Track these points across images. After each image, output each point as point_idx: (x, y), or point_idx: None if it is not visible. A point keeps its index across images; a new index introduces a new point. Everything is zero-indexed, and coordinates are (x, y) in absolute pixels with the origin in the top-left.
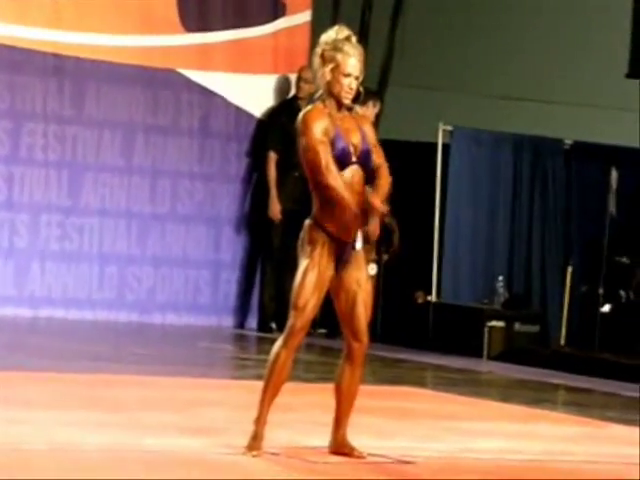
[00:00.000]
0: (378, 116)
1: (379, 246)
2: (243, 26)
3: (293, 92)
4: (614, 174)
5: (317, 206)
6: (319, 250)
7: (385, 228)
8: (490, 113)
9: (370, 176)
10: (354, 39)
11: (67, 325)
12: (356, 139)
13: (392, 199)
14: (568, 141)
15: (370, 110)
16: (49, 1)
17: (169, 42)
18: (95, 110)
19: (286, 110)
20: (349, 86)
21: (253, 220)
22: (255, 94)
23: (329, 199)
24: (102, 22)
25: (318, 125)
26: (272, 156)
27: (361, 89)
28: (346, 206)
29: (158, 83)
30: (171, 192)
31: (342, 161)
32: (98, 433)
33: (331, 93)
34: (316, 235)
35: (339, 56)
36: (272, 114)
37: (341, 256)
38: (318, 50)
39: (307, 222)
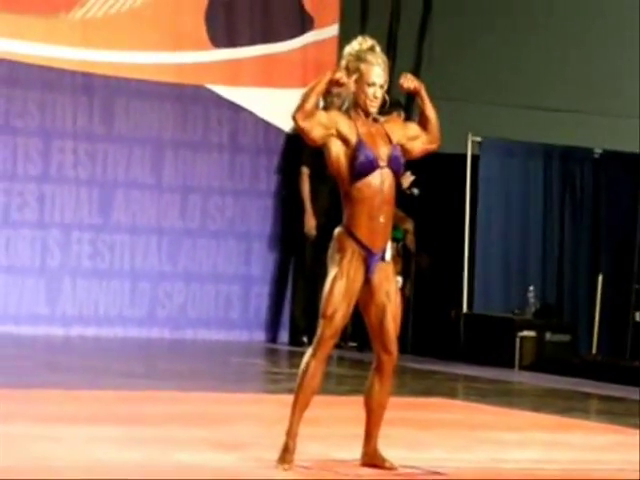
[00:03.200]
0: None
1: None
2: (271, 41)
3: (322, 105)
4: None
5: (347, 214)
6: (348, 258)
7: (405, 252)
8: (519, 124)
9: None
10: (378, 49)
11: (99, 342)
12: (383, 146)
13: (422, 210)
14: (598, 150)
15: None
16: (78, 20)
17: (198, 58)
18: (125, 127)
19: None
20: (374, 95)
21: (283, 234)
22: (284, 109)
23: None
24: (130, 40)
25: (334, 116)
26: (305, 171)
27: (387, 98)
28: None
29: (187, 99)
30: (201, 208)
31: (367, 168)
32: (130, 449)
33: (357, 103)
34: (346, 243)
35: (363, 66)
36: None
37: (370, 266)
38: (343, 62)
39: (337, 230)
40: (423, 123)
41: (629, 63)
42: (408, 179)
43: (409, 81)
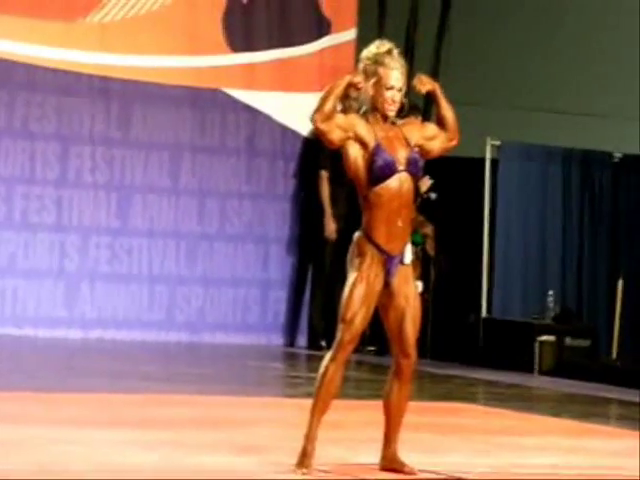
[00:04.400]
0: None
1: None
2: (288, 45)
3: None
4: None
5: (366, 219)
6: (368, 263)
7: (424, 257)
8: (538, 127)
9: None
10: (396, 52)
11: (117, 346)
12: (402, 149)
13: (441, 214)
14: (617, 154)
15: None
16: (95, 24)
17: (215, 62)
18: (142, 131)
19: None
20: (392, 99)
21: (301, 238)
22: (301, 112)
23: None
24: (148, 44)
25: (352, 119)
26: (324, 174)
27: (405, 101)
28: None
29: (204, 103)
30: (219, 212)
31: (386, 172)
32: (149, 452)
33: (375, 107)
34: (365, 248)
35: (381, 69)
36: None
37: (389, 270)
38: (360, 66)
39: (356, 235)
40: (440, 122)
41: None
42: (426, 183)
43: (423, 84)
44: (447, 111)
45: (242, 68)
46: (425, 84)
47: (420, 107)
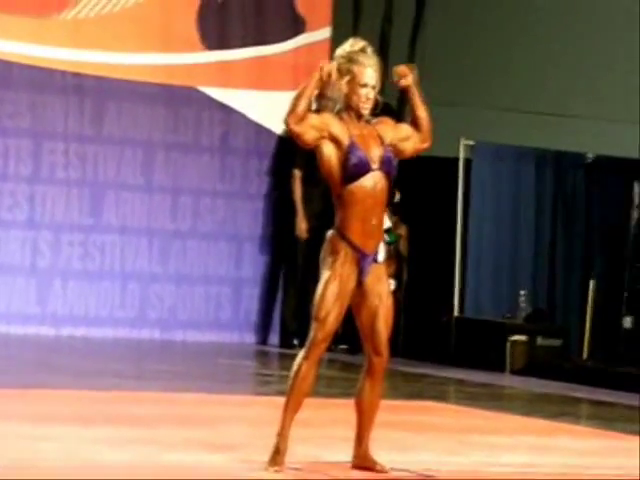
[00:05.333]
0: None
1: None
2: (263, 43)
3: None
4: (637, 188)
5: (340, 217)
6: (341, 261)
7: (397, 256)
8: (512, 128)
9: (393, 185)
10: (369, 50)
11: (89, 343)
12: (376, 147)
13: (413, 213)
14: (590, 155)
15: None
16: (69, 20)
17: (189, 60)
18: (116, 128)
19: None
20: (366, 96)
21: (274, 237)
22: (275, 111)
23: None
24: (122, 40)
25: (326, 118)
26: (297, 174)
27: (379, 99)
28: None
29: (178, 101)
30: (192, 210)
31: (360, 170)
32: (120, 450)
33: (349, 105)
34: (338, 246)
35: (355, 67)
36: None
37: (363, 268)
38: (334, 64)
39: (329, 233)
40: (415, 123)
41: (622, 67)
42: (395, 196)
43: (403, 75)
44: (422, 111)
45: (216, 66)
46: (405, 75)
47: (393, 107)
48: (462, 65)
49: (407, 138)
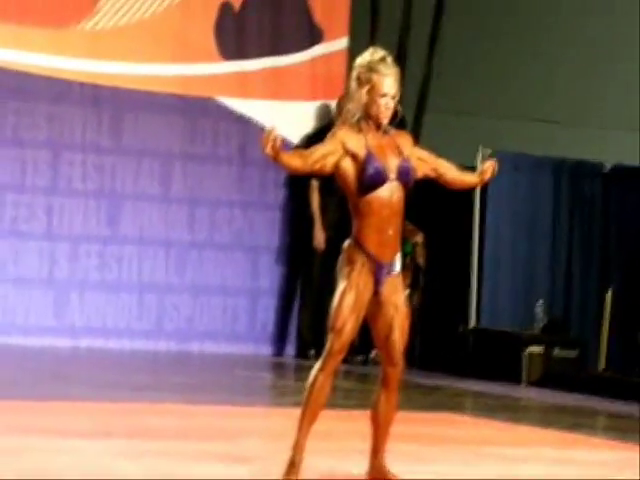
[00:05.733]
0: None
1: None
2: (280, 53)
3: (333, 118)
4: None
5: (356, 227)
6: (357, 271)
7: (414, 266)
8: (529, 137)
9: (410, 194)
10: (389, 59)
11: (106, 354)
12: (393, 158)
13: (431, 223)
14: (607, 165)
15: None
16: (87, 31)
17: (207, 70)
18: (133, 139)
19: (325, 136)
20: (386, 106)
21: (291, 247)
22: (293, 121)
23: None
24: (139, 51)
25: (340, 137)
26: (315, 184)
27: (399, 109)
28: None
29: (196, 111)
30: (209, 220)
31: (377, 180)
32: (137, 462)
33: (369, 115)
34: (355, 256)
35: (375, 77)
36: (311, 140)
37: (379, 279)
38: (354, 73)
39: (346, 243)
40: (453, 176)
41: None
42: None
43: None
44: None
45: (234, 76)
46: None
47: (406, 121)
48: (479, 75)
49: (423, 160)
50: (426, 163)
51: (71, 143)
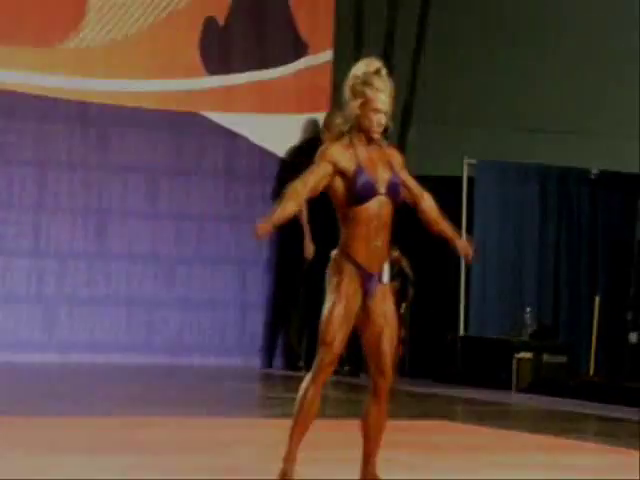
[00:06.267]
0: None
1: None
2: (265, 67)
3: (319, 132)
4: None
5: (344, 236)
6: (346, 281)
7: (402, 275)
8: (514, 145)
9: (399, 208)
10: (384, 72)
11: (95, 369)
12: (384, 172)
13: (417, 231)
14: (594, 171)
15: None
16: (72, 49)
17: (192, 85)
18: (119, 155)
19: (311, 149)
20: (378, 122)
21: (279, 260)
22: (278, 134)
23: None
24: (125, 68)
25: (330, 156)
26: None
27: (390, 124)
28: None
29: (182, 126)
30: (197, 234)
31: (366, 194)
32: (128, 475)
33: (360, 127)
34: (343, 266)
35: (369, 91)
36: (298, 153)
37: (368, 289)
38: (349, 82)
39: (334, 253)
40: (429, 219)
41: (626, 83)
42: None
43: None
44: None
45: (219, 91)
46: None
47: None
48: (463, 85)
49: (408, 188)
50: (410, 192)
51: (58, 160)
